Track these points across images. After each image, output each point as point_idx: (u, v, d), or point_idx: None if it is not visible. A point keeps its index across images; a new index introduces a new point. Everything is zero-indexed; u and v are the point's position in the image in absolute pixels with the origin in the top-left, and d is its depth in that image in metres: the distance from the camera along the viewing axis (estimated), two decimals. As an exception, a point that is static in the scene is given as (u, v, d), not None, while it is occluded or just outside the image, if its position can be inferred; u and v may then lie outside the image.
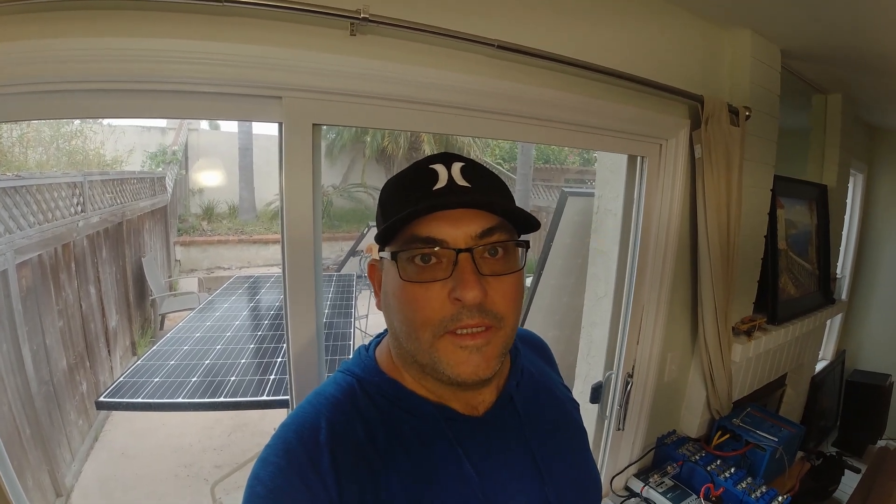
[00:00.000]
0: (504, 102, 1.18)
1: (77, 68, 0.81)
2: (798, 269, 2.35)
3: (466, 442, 0.66)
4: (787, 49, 1.88)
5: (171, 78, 0.87)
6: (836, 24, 1.61)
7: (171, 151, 11.03)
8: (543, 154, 15.52)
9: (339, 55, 0.96)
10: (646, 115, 1.47)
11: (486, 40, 1.08)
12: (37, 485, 3.26)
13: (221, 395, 2.85)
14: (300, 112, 0.98)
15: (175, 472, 3.92)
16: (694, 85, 1.56)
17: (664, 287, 1.69)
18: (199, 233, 11.31)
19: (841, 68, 2.14)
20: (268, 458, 0.61)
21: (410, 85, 1.05)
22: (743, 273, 1.91)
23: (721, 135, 1.57)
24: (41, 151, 8.06)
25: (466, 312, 0.59)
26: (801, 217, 2.39)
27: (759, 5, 1.54)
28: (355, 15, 0.92)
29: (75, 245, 4.40)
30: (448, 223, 0.59)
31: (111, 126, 9.91)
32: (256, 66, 0.90)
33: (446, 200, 0.58)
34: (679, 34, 1.58)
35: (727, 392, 1.85)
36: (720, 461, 1.77)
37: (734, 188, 1.64)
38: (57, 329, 3.87)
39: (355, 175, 14.50)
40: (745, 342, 1.87)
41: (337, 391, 0.68)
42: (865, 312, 3.82)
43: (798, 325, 2.20)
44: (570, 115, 1.31)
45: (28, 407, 3.22)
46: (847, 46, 1.83)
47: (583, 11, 1.31)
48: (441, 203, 0.58)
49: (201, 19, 0.88)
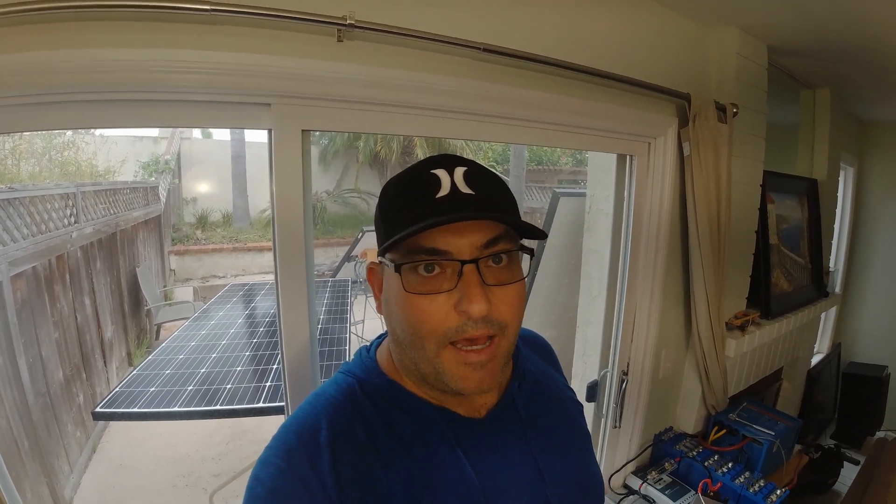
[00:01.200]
0: (492, 105, 1.18)
1: (68, 79, 0.81)
2: (790, 263, 2.36)
3: (467, 443, 0.66)
4: (774, 45, 1.89)
5: (160, 87, 0.87)
6: (823, 19, 1.63)
7: (164, 161, 10.99)
8: (536, 156, 15.54)
9: (326, 61, 0.97)
10: (634, 114, 1.48)
11: (471, 43, 1.08)
12: (36, 497, 3.24)
13: (218, 403, 2.84)
14: (289, 118, 0.98)
15: (174, 481, 3.90)
16: (681, 83, 1.58)
17: (656, 284, 1.70)
18: (194, 241, 11.27)
19: (828, 63, 2.15)
20: (268, 459, 0.61)
21: (398, 89, 1.05)
22: (735, 268, 1.92)
23: (709, 132, 1.58)
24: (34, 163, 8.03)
25: (471, 324, 0.59)
26: (792, 212, 2.40)
27: (745, 3, 1.55)
28: (342, 21, 0.92)
29: (69, 256, 4.38)
30: (452, 233, 0.59)
31: (103, 136, 9.86)
32: (245, 74, 0.91)
33: (450, 217, 0.57)
34: (665, 33, 1.59)
35: (722, 387, 1.86)
36: (718, 456, 1.78)
37: (723, 184, 1.65)
38: (52, 340, 3.85)
39: (349, 180, 14.49)
40: (739, 337, 1.88)
41: (337, 392, 0.68)
42: (860, 305, 3.84)
43: (792, 318, 2.21)
44: (559, 116, 1.32)
45: (25, 419, 3.20)
46: (834, 41, 1.84)
47: (568, 11, 1.32)
48: (445, 219, 0.57)
49: (189, 28, 0.88)
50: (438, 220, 0.57)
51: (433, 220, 0.57)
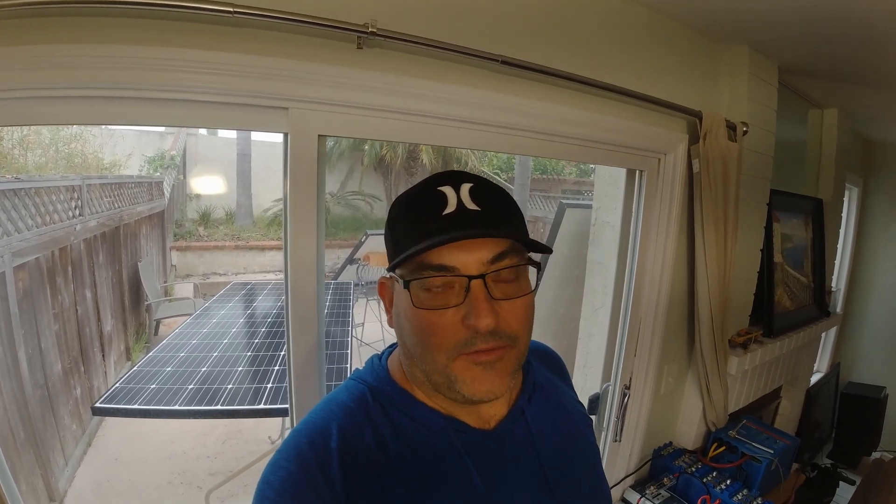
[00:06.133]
0: (506, 116, 1.19)
1: (85, 75, 0.81)
2: (793, 282, 2.37)
3: (476, 454, 0.67)
4: (785, 64, 1.90)
5: (178, 87, 0.87)
6: (834, 39, 1.63)
7: (170, 156, 11.01)
8: (540, 165, 15.55)
9: (345, 67, 0.98)
10: (645, 129, 1.49)
11: (490, 55, 1.09)
12: (30, 489, 3.24)
13: (218, 403, 2.83)
14: (306, 123, 0.99)
15: (168, 478, 3.89)
16: (691, 100, 1.59)
17: (661, 299, 1.70)
18: (196, 238, 11.28)
19: (838, 83, 2.16)
20: (279, 463, 0.61)
21: (415, 98, 1.06)
22: (739, 286, 1.93)
23: (719, 150, 1.59)
24: (40, 154, 8.03)
25: (480, 337, 0.60)
26: (796, 231, 2.41)
27: (758, 22, 1.56)
28: (363, 29, 0.93)
29: (72, 248, 4.39)
30: (459, 250, 0.60)
31: (110, 130, 9.86)
32: (264, 77, 0.91)
33: (455, 234, 0.59)
34: (678, 51, 1.60)
35: (723, 404, 1.86)
36: (716, 473, 1.78)
37: (731, 203, 1.65)
38: (52, 333, 3.85)
39: (353, 183, 14.51)
40: (742, 355, 1.88)
41: (349, 399, 0.69)
42: (860, 325, 3.84)
43: (794, 337, 2.21)
44: (571, 130, 1.33)
45: (22, 410, 3.20)
46: (844, 61, 1.84)
47: (583, 29, 1.33)
48: (450, 237, 0.58)
49: (210, 29, 0.88)
50: (444, 238, 0.58)
51: (439, 238, 0.58)
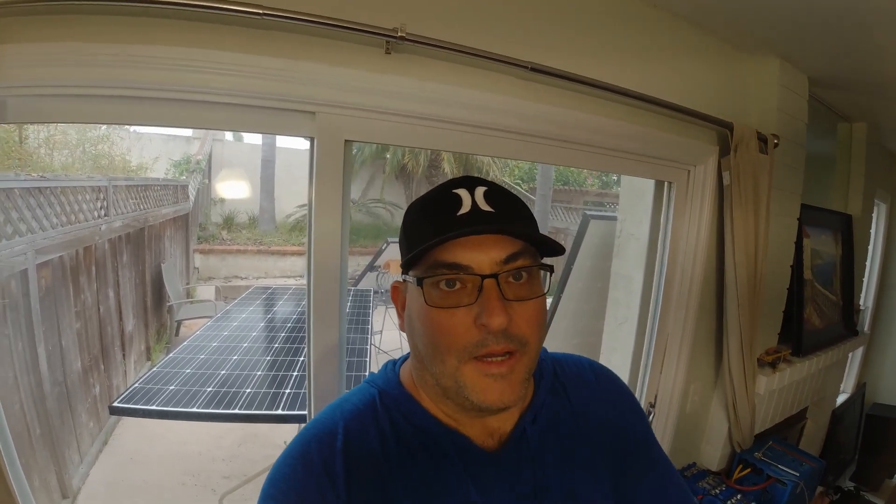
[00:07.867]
0: (534, 124, 1.18)
1: (114, 73, 0.82)
2: (822, 299, 2.31)
3: (474, 468, 0.67)
4: (815, 77, 1.87)
5: (205, 88, 0.88)
6: (865, 52, 1.61)
7: (196, 161, 11.16)
8: (563, 176, 15.46)
9: (373, 73, 0.97)
10: (675, 140, 1.47)
11: (519, 62, 1.08)
12: (43, 485, 3.25)
13: (236, 407, 2.83)
14: (333, 128, 0.98)
15: (182, 479, 3.90)
16: (722, 111, 1.56)
17: (689, 316, 1.66)
18: (219, 241, 11.39)
19: (867, 96, 2.12)
20: (286, 461, 0.64)
21: (443, 104, 1.05)
22: (769, 303, 1.88)
23: (750, 162, 1.55)
24: (67, 154, 8.15)
25: (492, 338, 0.59)
26: (826, 247, 2.35)
27: (788, 34, 1.53)
28: (392, 34, 0.92)
29: (97, 248, 4.44)
30: (473, 249, 0.60)
31: (138, 133, 10.07)
32: (291, 81, 0.91)
33: (471, 229, 0.59)
34: (709, 61, 1.57)
35: (750, 424, 1.80)
36: (740, 495, 1.72)
37: (762, 216, 1.61)
38: (73, 330, 3.89)
39: (374, 191, 14.56)
40: (770, 374, 1.83)
41: (359, 401, 0.70)
42: (886, 345, 3.73)
43: (822, 357, 2.15)
44: (600, 139, 1.31)
45: (40, 406, 3.23)
46: (875, 74, 1.82)
47: (613, 37, 1.31)
48: (466, 231, 0.59)
49: (238, 31, 0.89)
50: (458, 233, 0.59)
51: (453, 233, 0.59)
